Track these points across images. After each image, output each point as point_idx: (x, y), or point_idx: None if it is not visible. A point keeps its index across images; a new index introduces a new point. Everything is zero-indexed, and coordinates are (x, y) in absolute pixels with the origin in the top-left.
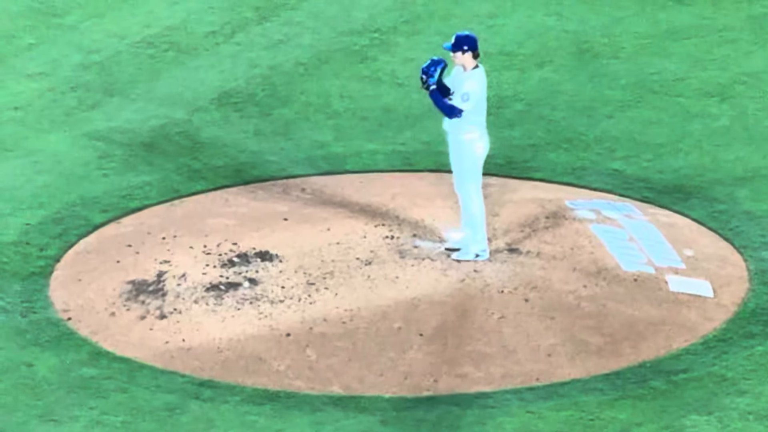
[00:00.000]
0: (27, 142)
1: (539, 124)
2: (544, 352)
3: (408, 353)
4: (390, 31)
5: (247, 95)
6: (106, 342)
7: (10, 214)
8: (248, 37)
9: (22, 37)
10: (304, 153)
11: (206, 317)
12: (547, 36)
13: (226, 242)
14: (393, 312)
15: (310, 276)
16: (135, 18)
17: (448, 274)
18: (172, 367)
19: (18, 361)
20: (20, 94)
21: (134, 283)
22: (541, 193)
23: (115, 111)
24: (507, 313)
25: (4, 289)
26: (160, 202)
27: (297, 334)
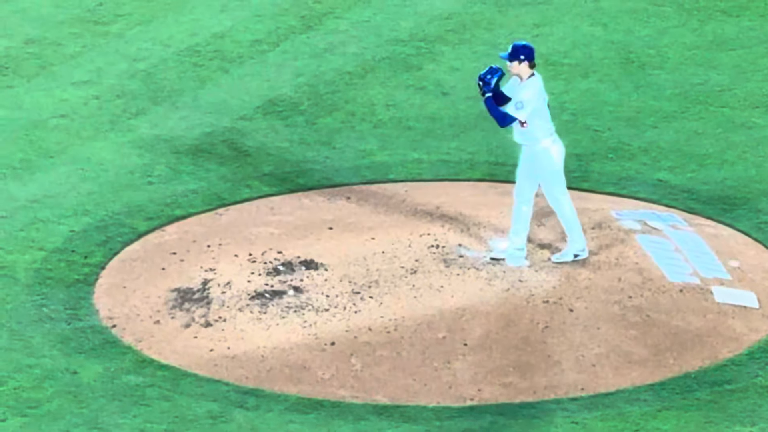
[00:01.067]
0: (72, 150)
1: (585, 134)
2: (589, 363)
3: (452, 363)
4: (436, 40)
5: (292, 104)
6: (150, 350)
7: (55, 222)
8: (294, 45)
9: (68, 45)
10: (348, 162)
11: (251, 325)
12: (593, 46)
13: (271, 251)
14: (437, 321)
15: (354, 285)
16: (181, 26)
17: (493, 283)
18: (217, 375)
19: (62, 368)
20: (66, 102)
21: (179, 291)
22: (587, 204)
23: (160, 119)
24: (552, 323)
25: (49, 296)
26: (204, 211)
27: (341, 343)
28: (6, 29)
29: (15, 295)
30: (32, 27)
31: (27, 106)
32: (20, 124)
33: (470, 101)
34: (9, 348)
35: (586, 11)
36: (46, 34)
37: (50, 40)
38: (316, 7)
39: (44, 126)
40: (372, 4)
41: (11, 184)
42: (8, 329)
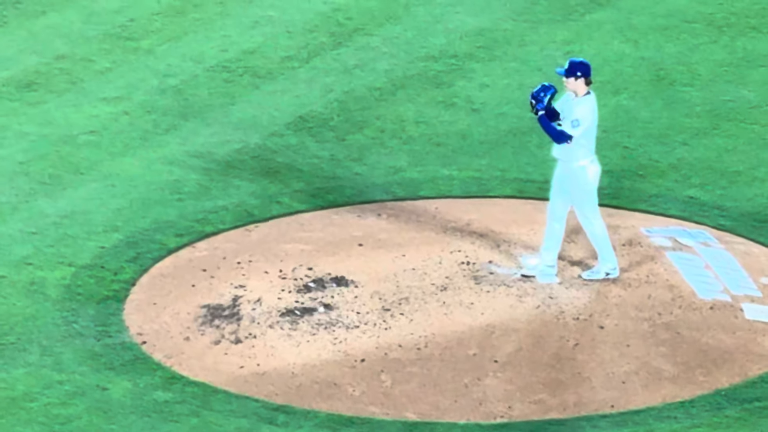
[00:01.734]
0: (102, 166)
1: (615, 151)
2: (619, 380)
3: (483, 380)
4: (466, 56)
5: (323, 120)
6: (180, 366)
7: (85, 238)
8: (324, 61)
9: (98, 61)
10: (379, 178)
11: (281, 342)
12: (623, 63)
13: (301, 267)
14: (468, 338)
15: (385, 302)
16: (211, 42)
17: (524, 300)
18: (246, 391)
19: (92, 384)
20: (96, 118)
21: (209, 307)
22: (617, 221)
23: (190, 135)
24: (582, 340)
25: (79, 312)
26: (235, 227)
27: (372, 360)
28: (36, 45)
29: (45, 312)
30: (63, 43)
31: (57, 122)
32: (50, 140)
33: (501, 118)
34: (39, 364)
35: (616, 28)
36: (76, 50)
37: (80, 56)
38: (347, 24)
39: (74, 142)
40: (403, 21)
41: (41, 200)
42: (38, 345)
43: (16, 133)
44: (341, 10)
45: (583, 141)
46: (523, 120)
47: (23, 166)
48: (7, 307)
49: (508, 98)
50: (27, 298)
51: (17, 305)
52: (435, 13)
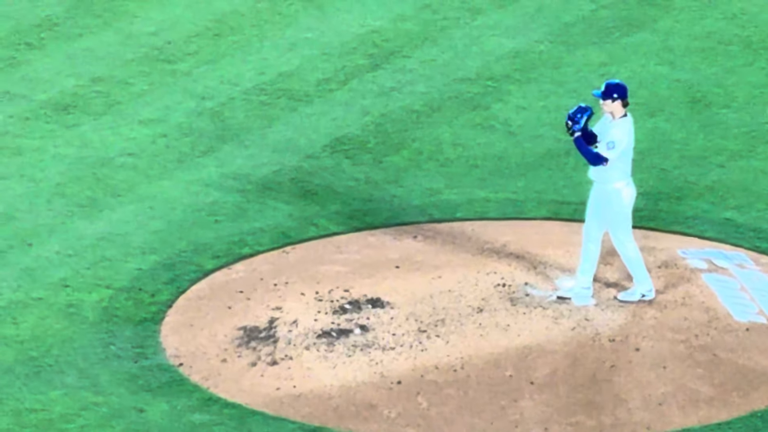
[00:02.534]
0: (140, 188)
1: (651, 172)
2: (655, 402)
3: (519, 402)
4: (503, 79)
5: (360, 142)
6: (217, 388)
7: (122, 260)
8: (361, 84)
9: (135, 83)
10: (415, 200)
11: (317, 364)
12: (660, 85)
13: (337, 289)
14: (504, 360)
15: (421, 323)
16: (248, 65)
17: (560, 322)
18: (283, 413)
19: (129, 406)
20: (133, 140)
21: (246, 329)
22: (653, 242)
23: (227, 157)
24: (618, 361)
25: (116, 334)
26: (271, 249)
27: (408, 382)
28: (74, 67)
29: (82, 333)
30: (100, 65)
31: (94, 144)
32: (88, 162)
33: (537, 140)
34: (76, 386)
35: (653, 50)
36: (113, 72)
37: (118, 78)
38: (384, 46)
39: (111, 164)
40: (439, 43)
41: (78, 222)
42: (75, 367)
43: (54, 156)
44: (378, 32)
45: (618, 163)
46: (559, 142)
47: (60, 188)
48: (45, 329)
49: (545, 120)
50: (64, 320)
51: (55, 327)
52: (472, 35)
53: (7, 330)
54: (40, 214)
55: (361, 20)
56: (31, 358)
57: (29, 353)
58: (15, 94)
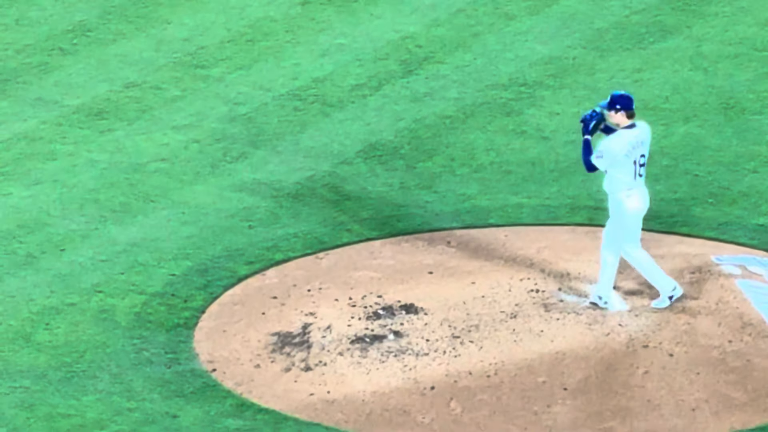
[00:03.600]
0: (173, 194)
1: (684, 178)
2: (689, 407)
3: (552, 407)
4: (536, 84)
5: (393, 148)
6: (250, 394)
7: (155, 266)
8: (394, 90)
9: (168, 89)
10: (449, 206)
11: (351, 369)
12: (693, 91)
13: (371, 295)
14: (537, 366)
15: (454, 329)
16: (281, 70)
17: (593, 328)
18: (317, 419)
19: (162, 412)
20: (166, 146)
21: (279, 335)
22: (687, 248)
23: (260, 163)
24: (651, 367)
25: (149, 340)
26: (305, 255)
27: (441, 387)
28: (107, 73)
29: (115, 339)
30: (132, 71)
31: (127, 150)
32: (120, 168)
33: (570, 145)
34: (109, 391)
35: (686, 56)
36: (146, 78)
37: (151, 83)
38: (417, 52)
39: (144, 170)
40: (472, 49)
41: (111, 228)
42: (108, 373)
43: (87, 161)
44: (411, 38)
45: (619, 174)
46: None
47: (93, 193)
48: (78, 335)
49: (578, 126)
50: (97, 326)
51: (88, 332)
52: (504, 41)
53: (40, 336)
54: (73, 219)
55: (394, 26)
56: (64, 364)
57: (62, 359)
58: (48, 100)
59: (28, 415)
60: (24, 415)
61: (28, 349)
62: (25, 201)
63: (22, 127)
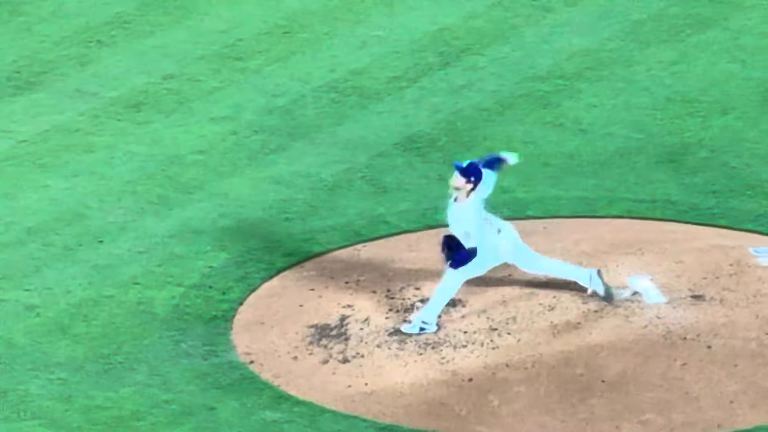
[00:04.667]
0: (210, 186)
1: (722, 170)
2: (727, 399)
3: (590, 399)
4: (574, 77)
5: (430, 140)
6: (288, 386)
7: (192, 258)
8: (431, 82)
9: (206, 81)
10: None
11: (388, 361)
12: (731, 83)
13: (408, 287)
14: (575, 358)
15: (492, 321)
16: (319, 62)
17: (631, 320)
18: (354, 411)
19: (200, 404)
20: (204, 138)
21: (317, 327)
22: (725, 240)
23: (298, 155)
24: (689, 360)
25: (187, 332)
26: (342, 247)
27: (479, 380)
28: (145, 65)
29: (153, 331)
30: (171, 63)
31: (165, 142)
32: (158, 159)
33: (608, 138)
34: (147, 383)
35: (723, 48)
36: (184, 70)
37: (188, 75)
38: (455, 44)
39: (182, 162)
40: (510, 41)
41: (149, 220)
42: (146, 364)
43: (124, 153)
44: (449, 29)
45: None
46: (630, 140)
47: (131, 185)
48: (116, 327)
49: (616, 118)
50: (135, 318)
51: (125, 325)
52: (542, 33)
53: (78, 328)
54: (110, 211)
55: (431, 18)
56: (101, 356)
57: (100, 351)
58: (86, 92)
59: (66, 407)
60: (62, 407)
61: (65, 341)
62: (63, 193)
63: (59, 119)
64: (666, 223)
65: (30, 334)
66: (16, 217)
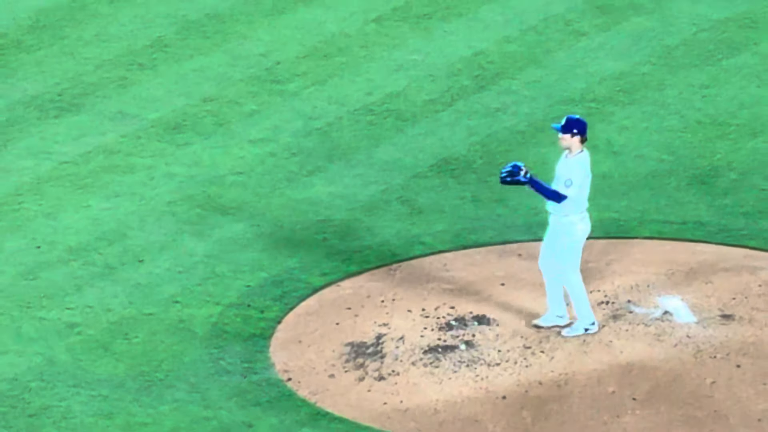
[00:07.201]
0: (249, 206)
1: (752, 192)
2: (755, 417)
3: (622, 417)
4: (606, 100)
5: (465, 162)
6: (324, 403)
7: (231, 277)
8: (467, 105)
9: (245, 103)
10: (520, 219)
11: (423, 379)
12: (761, 106)
13: (444, 306)
14: (607, 376)
15: (526, 340)
16: (356, 85)
17: (662, 339)
18: (390, 428)
19: (238, 421)
20: (243, 159)
21: (353, 345)
22: (754, 261)
23: (335, 176)
24: (719, 378)
25: (226, 350)
26: (378, 266)
27: (512, 397)
28: (185, 87)
29: (193, 349)
30: (210, 86)
31: (204, 163)
32: (198, 180)
33: (639, 160)
34: (187, 401)
35: (754, 72)
36: (223, 93)
37: (228, 98)
38: (489, 68)
39: (221, 182)
40: (543, 65)
41: (188, 240)
42: (186, 382)
43: (164, 174)
44: (483, 53)
45: (576, 198)
46: (661, 162)
47: (171, 206)
48: (155, 344)
49: (647, 141)
50: (175, 336)
51: (165, 342)
52: (575, 57)
53: (118, 345)
54: (151, 231)
55: (466, 42)
56: (142, 373)
57: (140, 368)
58: (127, 114)
59: (107, 423)
60: (103, 424)
61: (106, 358)
62: (104, 213)
63: (101, 141)
64: (696, 244)
65: (71, 351)
66: (57, 237)
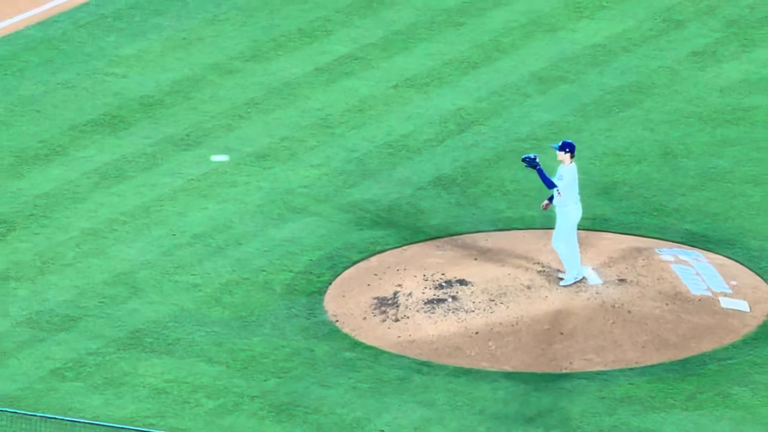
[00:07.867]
0: (311, 208)
1: (639, 199)
2: (640, 345)
3: (553, 345)
4: (543, 138)
5: (452, 179)
6: (359, 336)
7: (299, 254)
8: (453, 142)
9: (308, 140)
10: (487, 216)
11: (424, 321)
12: (643, 143)
13: (437, 273)
14: (543, 318)
15: (491, 295)
16: (380, 129)
17: (580, 294)
18: (402, 352)
19: (303, 348)
20: (306, 177)
21: (378, 298)
22: (640, 244)
23: (366, 189)
24: (617, 320)
25: (295, 302)
26: (395, 247)
27: (483, 333)
28: (269, 131)
29: (274, 302)
30: (285, 129)
31: (281, 180)
32: (278, 192)
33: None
34: (270, 335)
35: (639, 121)
36: (294, 134)
37: (297, 138)
38: (467, 117)
39: (293, 193)
40: (503, 116)
41: (272, 230)
42: (269, 322)
43: (255, 187)
44: (464, 108)
45: (567, 193)
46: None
47: (260, 207)
48: (249, 298)
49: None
50: (262, 292)
51: (256, 297)
52: (523, 111)
53: (225, 299)
54: (247, 224)
55: (452, 101)
56: (240, 317)
57: (239, 313)
58: (232, 148)
59: (218, 349)
60: (216, 349)
61: (218, 307)
62: (216, 212)
63: (214, 166)
64: (602, 233)
65: (195, 303)
66: (186, 228)
